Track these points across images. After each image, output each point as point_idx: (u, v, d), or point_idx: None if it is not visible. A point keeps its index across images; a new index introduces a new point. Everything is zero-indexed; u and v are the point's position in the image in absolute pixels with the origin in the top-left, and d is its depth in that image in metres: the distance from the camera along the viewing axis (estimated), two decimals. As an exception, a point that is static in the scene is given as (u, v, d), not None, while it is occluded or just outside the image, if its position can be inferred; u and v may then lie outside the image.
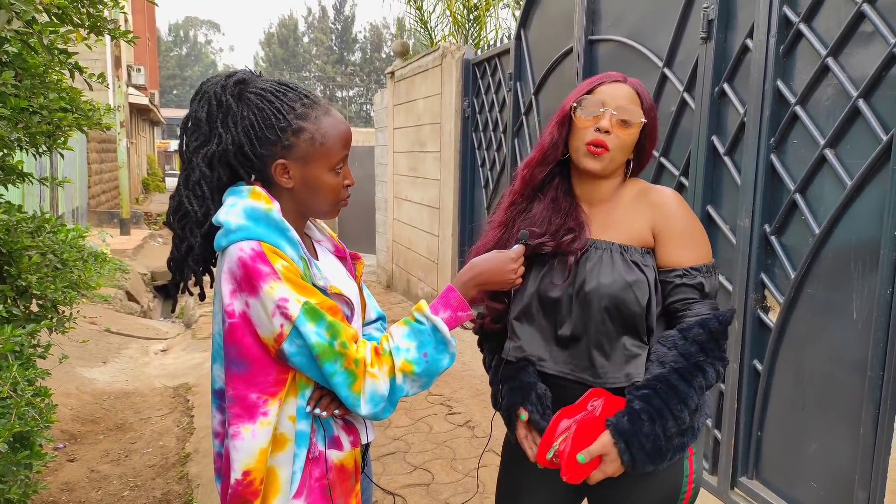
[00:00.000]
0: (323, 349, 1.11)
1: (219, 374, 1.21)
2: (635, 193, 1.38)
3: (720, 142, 2.66)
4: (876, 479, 2.04)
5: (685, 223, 1.33)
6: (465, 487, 2.92)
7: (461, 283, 1.29)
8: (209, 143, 1.19)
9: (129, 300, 7.63)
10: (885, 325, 1.99)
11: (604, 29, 3.45)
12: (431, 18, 8.30)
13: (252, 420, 1.12)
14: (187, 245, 1.21)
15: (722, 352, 1.28)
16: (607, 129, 1.31)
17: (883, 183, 2.01)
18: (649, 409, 1.22)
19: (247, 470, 1.12)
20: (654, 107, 1.40)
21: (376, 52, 44.46)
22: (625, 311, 1.28)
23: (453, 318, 1.24)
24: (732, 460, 2.62)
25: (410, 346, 1.19)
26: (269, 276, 1.10)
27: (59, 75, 2.18)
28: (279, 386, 1.15)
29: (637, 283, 1.28)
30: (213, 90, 1.19)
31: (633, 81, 1.38)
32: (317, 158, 1.21)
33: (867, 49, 2.08)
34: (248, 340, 1.12)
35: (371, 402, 1.15)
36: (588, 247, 1.36)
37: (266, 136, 1.18)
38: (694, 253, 1.32)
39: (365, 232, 8.98)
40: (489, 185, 5.14)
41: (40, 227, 2.18)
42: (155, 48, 28.29)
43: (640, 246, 1.33)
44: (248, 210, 1.15)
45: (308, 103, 1.21)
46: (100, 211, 12.79)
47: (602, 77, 1.39)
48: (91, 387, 4.36)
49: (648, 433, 1.21)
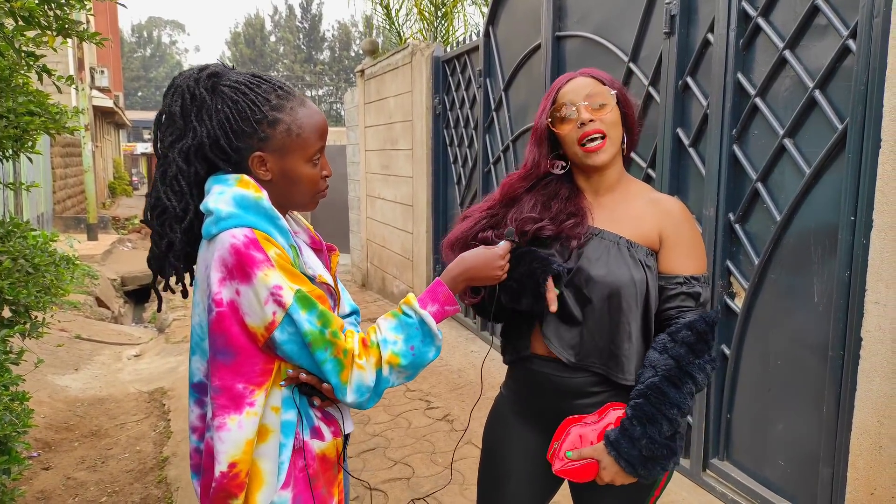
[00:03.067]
0: (315, 337, 1.11)
1: (198, 367, 1.20)
2: (646, 197, 1.42)
3: (685, 134, 2.73)
4: (839, 455, 2.12)
5: (691, 234, 1.38)
6: (445, 479, 2.96)
7: (450, 277, 1.30)
8: (184, 138, 1.18)
9: (99, 306, 7.51)
10: (844, 306, 2.08)
11: (570, 25, 3.51)
12: (399, 16, 8.30)
13: (238, 411, 1.11)
14: (167, 241, 1.20)
15: (710, 351, 1.32)
16: (590, 118, 1.35)
17: (839, 170, 2.09)
18: (640, 416, 1.27)
19: (233, 462, 1.11)
20: (616, 80, 1.43)
21: (345, 51, 44.19)
22: (624, 305, 1.32)
23: (440, 311, 1.25)
24: (704, 443, 2.70)
25: (398, 338, 1.20)
26: (263, 262, 1.10)
27: (25, 78, 2.16)
28: (265, 376, 1.14)
29: (640, 280, 1.33)
30: (185, 83, 1.18)
31: (584, 71, 1.42)
32: (294, 150, 1.20)
33: (822, 42, 2.16)
34: (236, 329, 1.11)
35: (357, 392, 1.16)
36: (593, 235, 1.38)
37: (242, 129, 1.17)
38: (695, 263, 1.37)
39: (338, 231, 8.95)
40: (462, 181, 5.18)
41: (10, 232, 2.15)
42: (118, 49, 27.78)
43: (646, 246, 1.37)
44: (238, 198, 1.14)
45: (283, 94, 1.21)
46: (66, 216, 12.54)
47: (557, 83, 1.43)
48: (64, 394, 4.30)
49: (640, 437, 1.25)
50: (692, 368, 1.28)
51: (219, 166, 1.21)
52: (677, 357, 1.29)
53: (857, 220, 2.02)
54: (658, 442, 1.26)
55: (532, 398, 1.46)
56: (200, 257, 1.19)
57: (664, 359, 1.29)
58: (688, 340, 1.29)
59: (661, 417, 1.26)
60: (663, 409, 1.26)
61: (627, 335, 1.34)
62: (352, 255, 8.25)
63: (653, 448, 1.26)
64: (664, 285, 1.36)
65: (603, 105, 1.36)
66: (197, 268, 1.21)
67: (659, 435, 1.26)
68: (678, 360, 1.28)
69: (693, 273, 1.36)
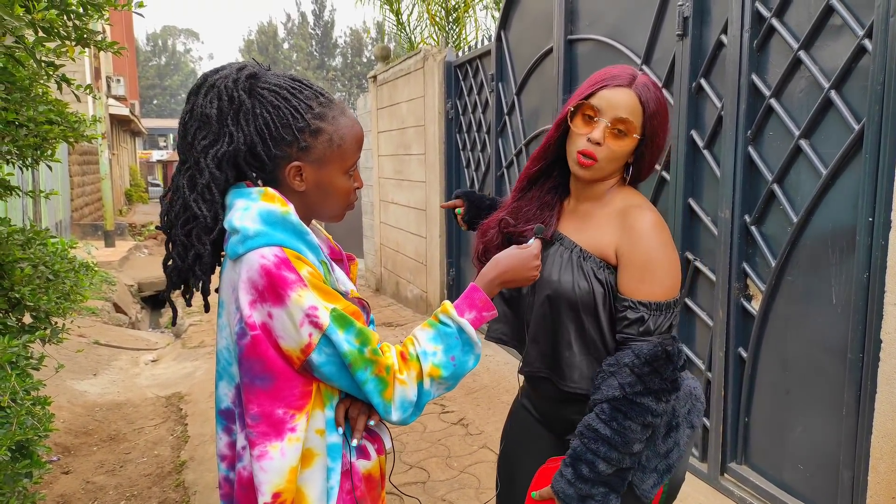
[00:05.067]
0: (354, 357, 1.06)
1: (225, 393, 1.14)
2: (619, 207, 1.34)
3: (699, 136, 2.72)
4: (860, 459, 2.10)
5: (648, 255, 1.27)
6: (460, 484, 2.96)
7: (485, 282, 1.24)
8: (219, 143, 1.10)
9: (116, 312, 7.59)
10: (862, 308, 2.05)
11: (582, 28, 3.51)
12: (410, 21, 8.33)
13: (280, 437, 1.05)
14: (195, 253, 1.13)
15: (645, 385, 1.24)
16: (598, 141, 1.28)
17: (857, 171, 2.07)
18: (572, 455, 1.26)
19: (277, 491, 1.05)
20: (662, 111, 1.32)
21: (357, 57, 44.44)
22: (563, 312, 1.31)
23: (478, 318, 1.19)
24: (721, 447, 2.68)
25: (437, 349, 1.14)
26: (296, 283, 1.04)
27: (44, 87, 2.20)
28: (305, 399, 1.08)
29: (585, 291, 1.29)
30: (223, 84, 1.10)
31: (639, 85, 1.30)
32: (333, 161, 1.15)
33: (837, 42, 2.14)
34: (272, 353, 1.05)
35: (401, 409, 1.11)
36: (555, 241, 1.39)
37: (282, 136, 1.11)
38: (648, 288, 1.26)
39: (352, 236, 8.99)
40: (475, 185, 5.18)
41: (30, 239, 2.19)
42: (134, 58, 28.11)
43: (601, 258, 1.32)
44: (265, 214, 1.07)
45: (325, 102, 1.15)
46: (83, 223, 12.70)
47: (607, 78, 1.31)
48: (82, 399, 4.35)
49: (571, 477, 1.25)
50: (621, 404, 1.24)
51: (247, 174, 1.14)
52: (606, 391, 1.26)
53: (874, 221, 2.00)
54: (592, 480, 1.24)
55: (537, 400, 1.49)
56: (226, 277, 1.12)
57: (598, 395, 1.27)
58: (618, 375, 1.25)
59: (591, 455, 1.24)
60: (592, 447, 1.24)
61: (567, 343, 1.33)
62: (365, 259, 8.28)
63: (585, 487, 1.24)
64: (616, 305, 1.30)
65: (622, 134, 1.29)
66: (222, 288, 1.14)
67: (592, 473, 1.24)
68: (605, 396, 1.26)
69: (643, 298, 1.26)
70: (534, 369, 1.41)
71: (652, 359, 1.24)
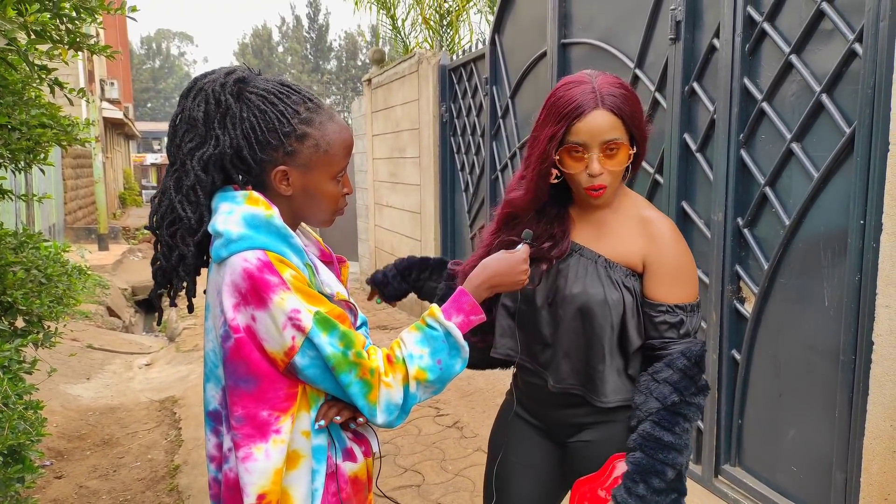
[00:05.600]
0: (338, 360, 1.06)
1: (213, 395, 1.15)
2: (635, 215, 1.36)
3: (692, 139, 2.73)
4: (852, 460, 2.10)
5: (678, 261, 1.32)
6: (455, 487, 2.96)
7: (473, 286, 1.24)
8: (205, 145, 1.11)
9: (110, 315, 7.56)
10: (854, 310, 2.06)
11: (576, 32, 3.52)
12: (405, 25, 8.35)
13: (264, 439, 1.06)
14: (178, 254, 1.14)
15: (697, 385, 1.28)
16: (599, 173, 1.28)
17: (848, 174, 2.09)
18: (641, 471, 1.25)
19: (262, 493, 1.06)
20: (634, 103, 1.29)
21: (352, 60, 44.43)
22: (597, 325, 1.31)
23: (466, 322, 1.19)
24: (715, 449, 2.68)
25: (423, 352, 1.14)
26: (279, 286, 1.04)
27: (37, 91, 2.19)
28: (290, 401, 1.09)
29: (615, 301, 1.30)
30: (210, 88, 1.11)
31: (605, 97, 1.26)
32: (320, 166, 1.15)
33: (828, 46, 2.16)
34: (256, 356, 1.06)
35: (386, 412, 1.11)
36: (573, 252, 1.36)
37: (268, 141, 1.11)
38: (681, 291, 1.31)
39: (347, 239, 8.98)
40: (469, 188, 5.19)
41: (23, 243, 2.18)
42: (128, 61, 28.06)
43: (627, 266, 1.33)
44: (248, 217, 1.08)
45: (312, 107, 1.15)
46: (77, 227, 12.64)
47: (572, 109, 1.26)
48: (76, 403, 4.33)
49: (644, 493, 1.23)
50: (680, 408, 1.26)
51: (233, 178, 1.15)
52: (662, 399, 1.26)
53: (866, 224, 2.01)
54: (663, 490, 1.25)
55: (530, 402, 1.50)
56: (211, 280, 1.14)
57: (650, 402, 1.27)
58: (671, 380, 1.27)
59: (660, 465, 1.24)
60: (660, 457, 1.24)
61: (601, 356, 1.32)
62: (360, 262, 8.27)
63: (659, 498, 1.25)
64: (648, 311, 1.32)
65: (617, 149, 1.27)
66: (208, 291, 1.16)
67: (662, 483, 1.24)
68: (664, 402, 1.26)
69: (678, 301, 1.30)
70: (566, 386, 1.37)
71: (700, 359, 1.29)
